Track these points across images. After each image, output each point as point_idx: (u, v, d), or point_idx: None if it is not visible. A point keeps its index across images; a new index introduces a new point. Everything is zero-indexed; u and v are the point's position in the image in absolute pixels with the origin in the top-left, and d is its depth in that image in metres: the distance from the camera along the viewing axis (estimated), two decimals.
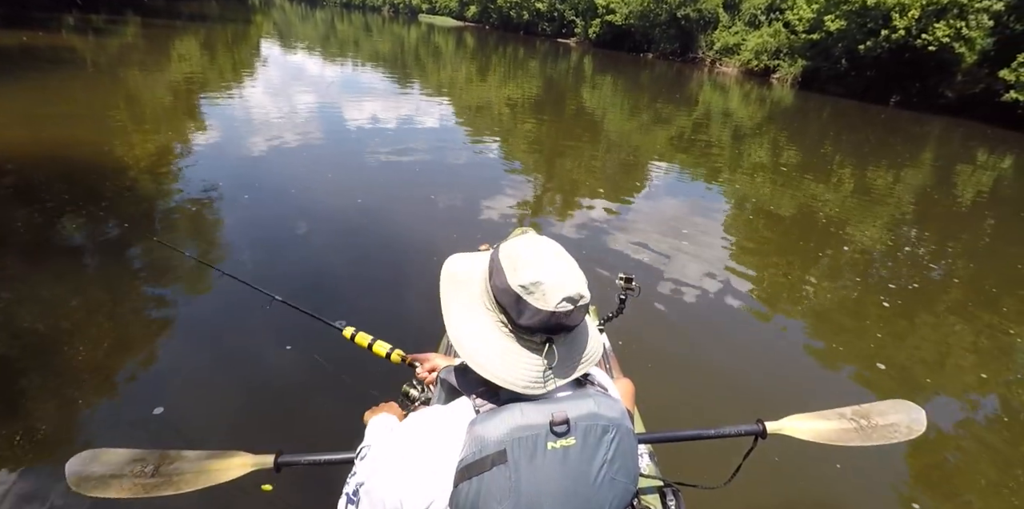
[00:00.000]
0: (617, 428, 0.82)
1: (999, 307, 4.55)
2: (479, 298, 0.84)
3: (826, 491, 2.42)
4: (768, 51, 27.78)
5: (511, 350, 0.80)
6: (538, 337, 0.80)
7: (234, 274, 1.91)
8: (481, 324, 0.82)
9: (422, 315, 3.24)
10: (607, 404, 0.84)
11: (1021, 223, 7.57)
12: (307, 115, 8.54)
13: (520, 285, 0.77)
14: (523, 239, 0.85)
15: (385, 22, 52.60)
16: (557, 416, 0.77)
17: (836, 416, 1.43)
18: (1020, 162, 13.09)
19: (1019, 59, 18.19)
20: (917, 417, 1.41)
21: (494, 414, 0.79)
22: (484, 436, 0.76)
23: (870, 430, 1.38)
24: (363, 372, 2.62)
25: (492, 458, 0.75)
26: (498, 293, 0.80)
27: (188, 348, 2.85)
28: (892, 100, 22.04)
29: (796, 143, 12.12)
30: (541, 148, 8.58)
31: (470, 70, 19.79)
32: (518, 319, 0.78)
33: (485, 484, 0.75)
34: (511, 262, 0.80)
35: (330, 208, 4.88)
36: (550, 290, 0.77)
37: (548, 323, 0.77)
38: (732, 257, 4.92)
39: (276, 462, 1.17)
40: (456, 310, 0.86)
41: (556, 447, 0.77)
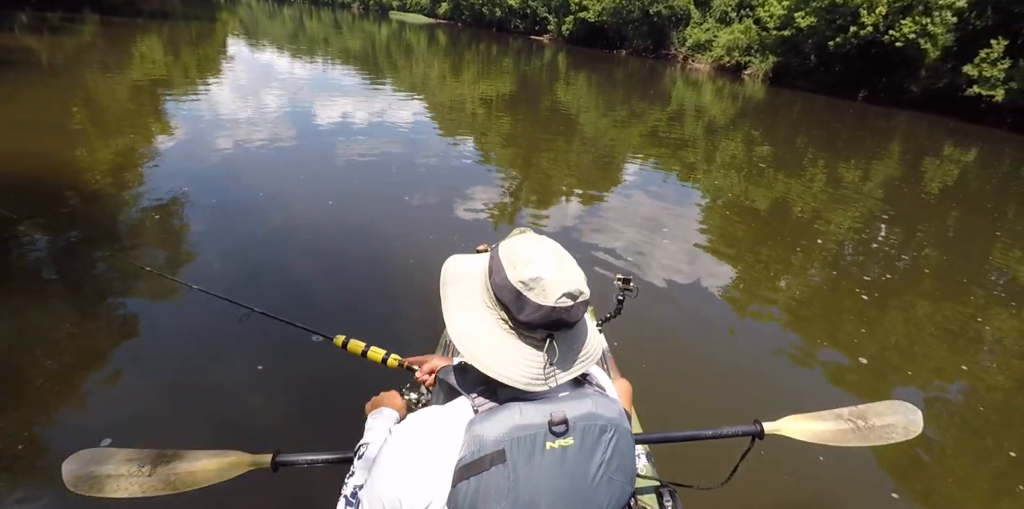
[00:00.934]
0: (615, 428, 0.83)
1: (968, 297, 4.71)
2: (479, 296, 0.85)
3: (822, 491, 2.43)
4: (739, 47, 28.27)
5: (512, 347, 0.81)
6: (539, 333, 0.81)
7: (206, 288, 1.87)
8: (482, 322, 0.83)
9: (407, 318, 3.25)
10: (605, 404, 0.85)
11: (986, 214, 7.84)
12: (277, 115, 8.39)
13: (520, 281, 0.78)
14: (522, 237, 0.87)
15: (355, 19, 51.99)
16: (556, 416, 0.79)
17: (833, 417, 1.44)
18: (983, 155, 13.56)
19: (981, 55, 18.82)
20: (914, 418, 1.42)
21: (493, 413, 0.79)
22: (483, 436, 0.77)
23: (867, 431, 1.39)
24: (356, 381, 2.61)
25: (491, 458, 0.76)
26: (498, 290, 0.81)
27: (156, 366, 2.73)
28: (860, 95, 22.63)
29: (769, 138, 12.35)
30: (517, 146, 8.58)
31: (443, 68, 19.69)
32: (518, 315, 0.79)
33: (484, 484, 0.76)
34: (511, 259, 0.81)
35: (303, 212, 4.79)
36: (550, 286, 0.78)
37: (548, 319, 0.78)
38: (712, 254, 5.00)
39: (273, 462, 1.17)
40: (456, 308, 0.86)
41: (554, 447, 0.78)
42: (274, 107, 8.94)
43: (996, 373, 3.57)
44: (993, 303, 4.65)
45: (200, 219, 4.45)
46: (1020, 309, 4.56)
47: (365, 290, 3.62)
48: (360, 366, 2.69)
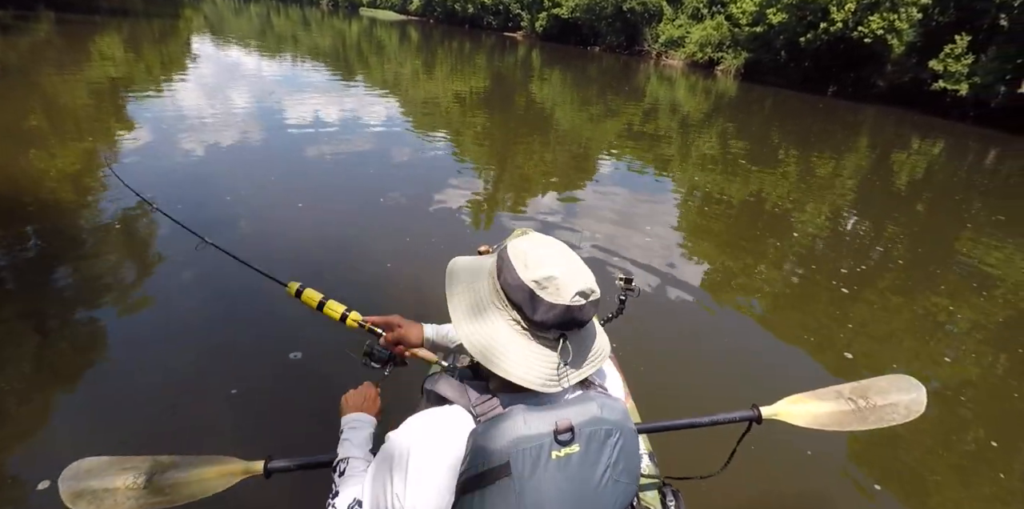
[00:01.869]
0: (620, 430, 0.83)
1: (938, 286, 4.87)
2: (488, 297, 0.84)
3: (819, 479, 2.46)
4: (712, 44, 28.70)
5: (525, 347, 0.81)
6: (552, 333, 0.80)
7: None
8: (493, 323, 0.82)
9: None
10: (610, 406, 0.85)
11: (953, 205, 8.10)
12: (245, 114, 8.23)
13: (533, 280, 0.78)
14: (529, 238, 0.87)
15: (324, 16, 51.27)
16: (561, 424, 0.78)
17: (834, 395, 1.41)
18: (949, 148, 14.01)
19: (946, 50, 19.43)
20: (916, 396, 1.38)
21: (496, 424, 0.78)
22: (487, 448, 0.76)
23: (868, 411, 1.36)
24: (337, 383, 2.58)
25: (496, 471, 0.75)
26: (510, 290, 0.81)
27: (121, 380, 2.65)
28: (829, 90, 23.16)
29: (743, 133, 12.55)
30: (492, 143, 8.57)
31: (416, 65, 19.54)
32: (532, 315, 0.79)
33: (489, 497, 0.75)
34: (521, 259, 0.81)
35: (272, 216, 4.66)
36: (563, 285, 0.78)
37: (563, 318, 0.78)
38: (689, 248, 5.07)
39: (266, 468, 1.17)
40: (465, 310, 0.85)
41: (560, 456, 0.78)
42: (242, 106, 8.76)
43: (974, 363, 3.67)
44: (966, 292, 4.80)
45: (165, 226, 4.27)
46: (991, 298, 4.72)
47: (341, 298, 3.50)
48: (340, 367, 2.66)
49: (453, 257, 0.95)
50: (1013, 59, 17.59)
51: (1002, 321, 4.34)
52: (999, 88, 18.26)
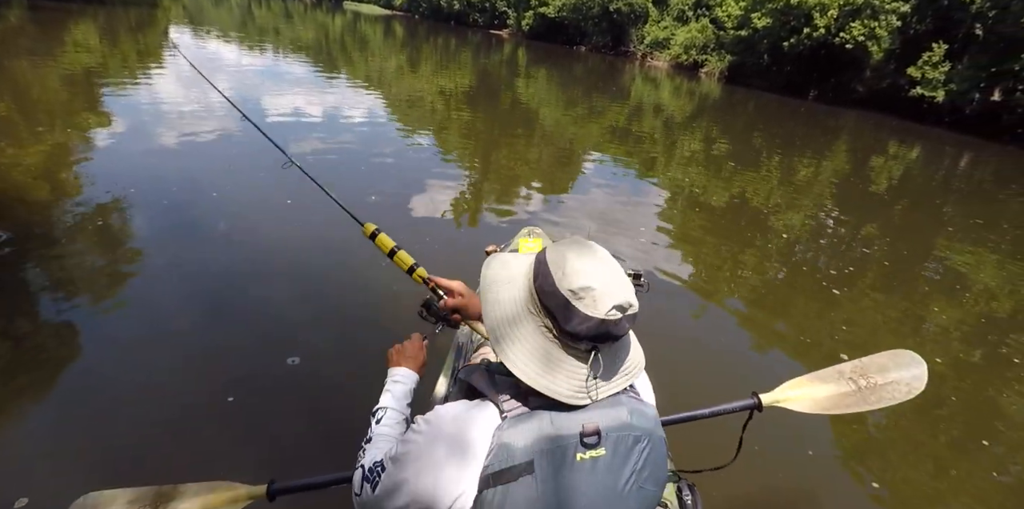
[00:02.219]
0: (649, 437, 0.82)
1: (923, 286, 5.02)
2: (523, 301, 0.82)
3: (831, 464, 2.50)
4: (696, 46, 28.99)
5: (556, 357, 0.78)
6: (584, 345, 0.78)
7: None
8: (524, 328, 0.80)
9: (380, 323, 3.11)
10: (640, 412, 0.84)
11: (934, 209, 8.30)
12: (226, 108, 8.07)
13: (570, 289, 0.76)
14: (570, 242, 0.84)
15: (307, 9, 50.60)
16: (588, 427, 0.77)
17: (835, 376, 1.40)
18: (926, 153, 14.35)
19: (924, 57, 19.90)
20: (917, 373, 1.38)
21: (522, 421, 0.77)
22: (511, 445, 0.75)
23: (868, 392, 1.36)
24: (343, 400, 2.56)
25: (520, 468, 0.75)
26: (544, 296, 0.78)
27: (105, 384, 2.54)
28: (811, 94, 23.56)
29: (728, 135, 12.70)
30: (478, 141, 8.54)
31: (401, 61, 19.40)
32: (565, 325, 0.77)
33: (511, 494, 0.75)
34: (559, 265, 0.78)
35: (261, 212, 4.53)
36: (600, 297, 0.75)
37: (596, 331, 0.76)
38: (674, 247, 5.11)
39: (269, 491, 1.16)
40: (498, 313, 0.83)
41: (585, 458, 0.77)
42: (222, 100, 8.56)
43: (965, 363, 3.75)
44: (950, 294, 4.92)
45: (150, 223, 4.13)
46: (977, 300, 4.85)
47: (333, 296, 3.42)
48: (341, 371, 2.61)
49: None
50: (987, 68, 18.08)
51: (984, 320, 4.46)
52: (974, 95, 18.77)
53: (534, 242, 2.41)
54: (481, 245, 4.52)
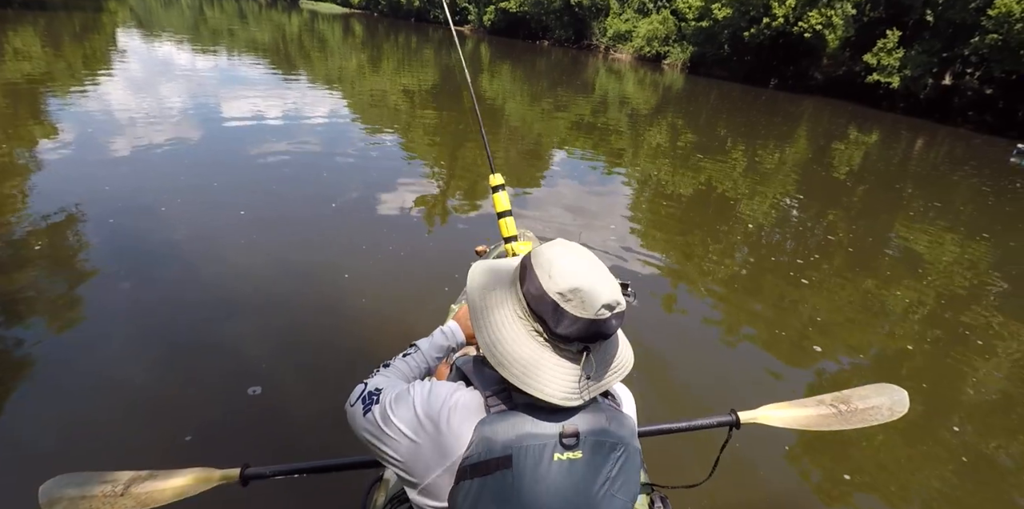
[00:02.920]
0: (625, 447, 0.84)
1: (884, 271, 5.16)
2: (510, 307, 0.82)
3: (807, 482, 2.45)
4: (658, 38, 29.34)
5: (548, 360, 0.79)
6: (575, 346, 0.79)
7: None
8: (514, 333, 0.80)
9: (346, 339, 3.03)
10: (618, 421, 0.86)
11: (892, 192, 8.57)
12: (180, 114, 7.85)
13: (558, 292, 0.76)
14: (555, 245, 0.84)
15: (262, 8, 49.48)
16: (568, 428, 0.79)
17: (815, 403, 1.40)
18: (884, 137, 14.83)
19: (879, 44, 20.54)
20: (899, 398, 1.39)
21: (505, 417, 0.79)
22: (492, 438, 0.77)
23: (850, 414, 1.36)
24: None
25: (497, 462, 0.76)
26: (532, 301, 0.79)
27: (53, 416, 2.44)
28: (771, 83, 24.10)
29: (692, 125, 12.91)
30: (443, 139, 8.50)
31: (361, 60, 19.15)
32: (555, 328, 0.77)
33: (487, 486, 0.76)
34: (545, 268, 0.79)
35: (213, 226, 4.32)
36: (589, 298, 0.76)
37: (587, 331, 0.77)
38: (644, 241, 5.18)
39: (242, 475, 1.17)
40: (486, 319, 0.83)
41: (562, 459, 0.79)
42: (177, 105, 8.35)
43: (937, 351, 3.86)
44: (920, 279, 5.10)
45: (96, 244, 3.86)
46: (937, 279, 5.03)
47: (294, 319, 3.19)
48: (303, 400, 2.56)
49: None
50: (938, 53, 18.76)
51: (943, 301, 4.64)
52: (927, 80, 19.45)
53: (524, 244, 2.43)
54: (453, 244, 4.52)
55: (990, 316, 4.42)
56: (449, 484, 0.78)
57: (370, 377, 0.98)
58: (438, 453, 0.79)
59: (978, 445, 2.85)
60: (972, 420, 3.07)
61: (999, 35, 16.72)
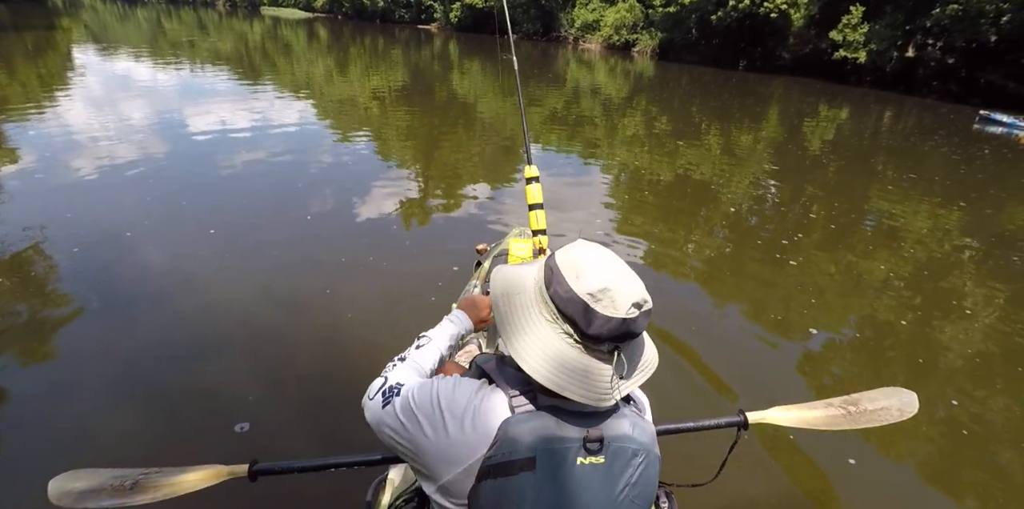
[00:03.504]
0: (647, 453, 0.85)
1: (867, 246, 5.22)
2: (537, 311, 0.82)
3: (814, 483, 2.40)
4: (626, 26, 29.38)
5: (581, 362, 0.79)
6: (606, 346, 0.79)
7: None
8: (545, 338, 0.80)
9: (332, 359, 2.91)
10: (641, 427, 0.87)
11: (870, 167, 8.67)
12: (143, 130, 7.68)
13: (588, 293, 0.76)
14: (577, 246, 0.85)
15: (222, 18, 48.68)
16: (592, 433, 0.80)
17: (823, 406, 1.42)
18: (854, 113, 15.02)
19: (844, 20, 20.78)
20: (908, 400, 1.41)
21: (530, 419, 0.80)
22: (517, 439, 0.78)
23: (859, 415, 1.37)
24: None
25: (521, 463, 0.77)
26: (562, 303, 0.79)
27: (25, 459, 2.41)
28: (740, 64, 24.27)
29: (666, 110, 12.96)
30: (418, 140, 8.44)
31: (328, 64, 18.92)
32: (587, 329, 0.77)
33: (508, 487, 0.77)
34: (571, 270, 0.79)
35: (185, 248, 4.13)
36: (619, 296, 0.76)
37: (619, 331, 0.77)
38: (625, 229, 5.17)
39: (251, 471, 1.18)
40: (515, 325, 0.83)
41: (584, 463, 0.80)
42: (139, 122, 8.15)
43: (942, 328, 3.87)
44: (906, 250, 5.16)
45: (59, 277, 3.67)
46: (917, 250, 5.10)
47: (278, 339, 3.07)
48: (293, 437, 2.46)
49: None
50: (901, 25, 19.02)
51: (926, 272, 4.71)
52: (892, 53, 19.72)
53: (524, 242, 2.43)
54: (435, 244, 4.48)
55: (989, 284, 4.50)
56: (469, 483, 0.79)
57: (387, 371, 1.00)
58: (459, 451, 0.80)
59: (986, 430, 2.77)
60: (985, 408, 3.00)
61: (959, 5, 17.01)
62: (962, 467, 2.52)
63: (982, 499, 2.34)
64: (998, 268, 4.87)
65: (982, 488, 2.41)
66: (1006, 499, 2.34)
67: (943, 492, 2.37)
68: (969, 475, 2.49)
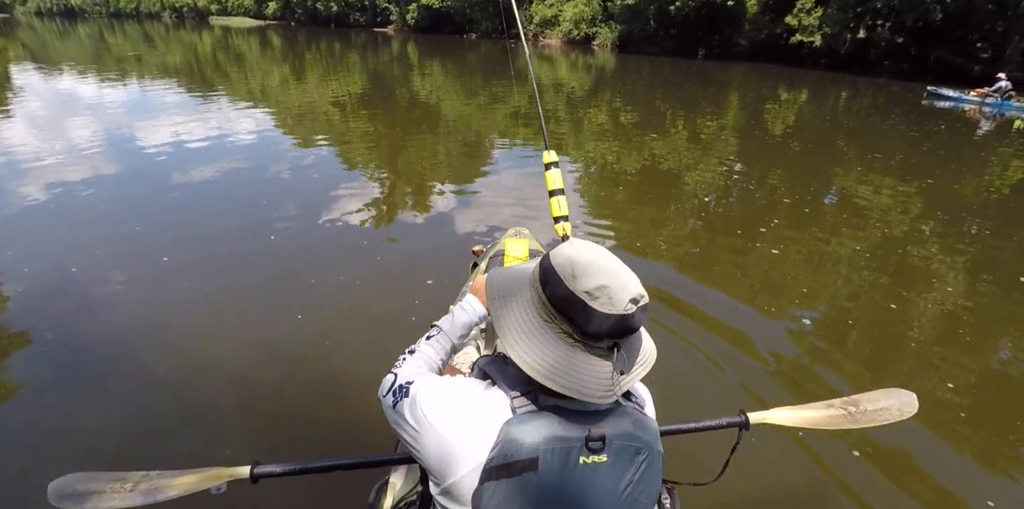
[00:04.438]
0: (649, 450, 0.86)
1: (842, 226, 5.31)
2: (534, 312, 0.83)
3: (816, 481, 2.37)
4: (585, 20, 29.59)
5: (581, 361, 0.80)
6: (605, 343, 0.80)
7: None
8: (543, 338, 0.81)
9: (310, 390, 2.75)
10: (643, 424, 0.87)
11: (836, 149, 8.86)
12: (91, 151, 7.36)
13: (585, 291, 0.77)
14: (571, 245, 0.85)
15: (169, 30, 47.51)
16: (595, 432, 0.80)
17: (823, 406, 1.45)
18: (813, 96, 15.37)
19: (798, 5, 21.28)
20: (908, 400, 1.44)
21: (531, 419, 0.80)
22: (519, 440, 0.78)
23: (859, 415, 1.41)
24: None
25: (523, 464, 0.77)
26: (558, 302, 0.80)
27: None
28: (700, 53, 24.65)
29: (630, 102, 13.06)
30: (382, 145, 8.32)
31: (284, 72, 18.59)
32: (586, 327, 0.78)
33: (511, 489, 0.78)
34: (568, 269, 0.79)
35: (145, 281, 3.82)
36: (616, 293, 0.77)
37: (617, 327, 0.78)
38: (596, 222, 5.16)
39: (252, 473, 1.18)
40: (512, 327, 0.84)
41: (587, 462, 0.80)
42: (86, 142, 7.81)
43: (918, 301, 3.96)
44: (860, 228, 5.27)
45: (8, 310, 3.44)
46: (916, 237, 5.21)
47: (248, 379, 2.84)
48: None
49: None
50: (853, 7, 19.53)
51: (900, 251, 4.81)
52: (846, 36, 20.26)
53: (520, 242, 2.40)
54: (407, 258, 4.33)
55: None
56: (473, 485, 0.79)
57: (397, 366, 1.00)
58: (462, 454, 0.80)
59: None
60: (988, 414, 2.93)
61: None
62: (964, 463, 2.51)
63: (985, 495, 2.32)
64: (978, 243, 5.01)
65: (986, 484, 2.39)
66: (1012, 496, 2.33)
67: (946, 489, 2.35)
68: (972, 469, 2.48)
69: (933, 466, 2.45)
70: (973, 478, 2.42)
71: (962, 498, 2.29)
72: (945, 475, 2.39)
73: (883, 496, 2.28)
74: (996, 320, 3.65)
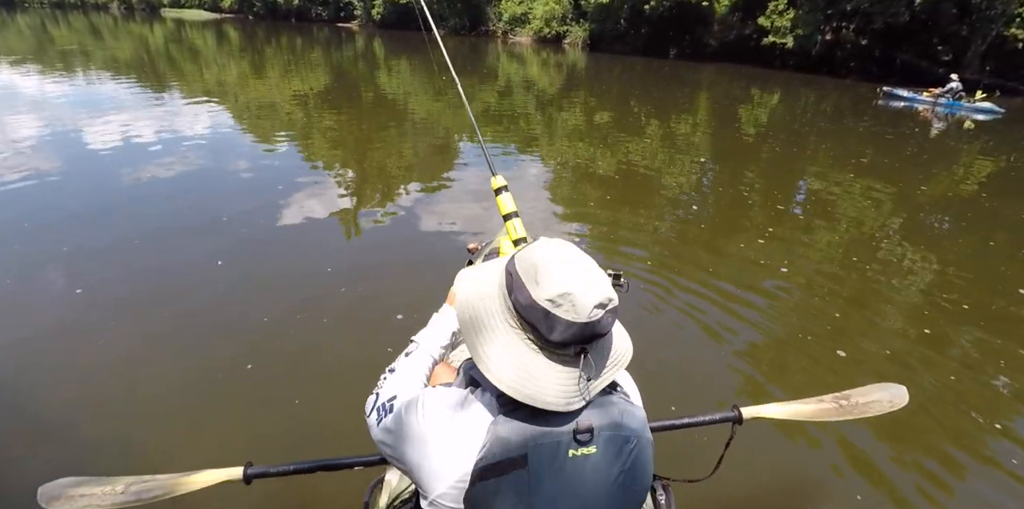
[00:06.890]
0: (638, 439, 0.86)
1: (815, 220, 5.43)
2: (500, 317, 0.82)
3: (810, 476, 2.42)
4: (556, 18, 29.80)
5: (544, 368, 0.79)
6: (572, 349, 0.79)
7: None
8: (507, 344, 0.81)
9: (272, 406, 2.64)
10: (630, 413, 0.87)
11: (812, 147, 9.11)
12: (24, 154, 6.87)
13: (547, 299, 0.76)
14: (537, 247, 0.83)
15: (117, 22, 45.97)
16: (582, 424, 0.80)
17: (815, 401, 1.51)
18: (785, 97, 15.80)
19: (771, 7, 21.86)
20: (898, 393, 1.51)
21: (517, 416, 0.80)
22: (506, 438, 0.78)
23: (851, 407, 1.47)
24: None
25: (513, 462, 0.78)
26: (523, 310, 0.79)
27: None
28: (671, 53, 25.10)
29: (602, 102, 13.19)
30: (347, 144, 8.22)
31: (242, 68, 18.20)
32: (549, 335, 0.77)
33: (503, 487, 0.78)
34: (531, 274, 0.78)
35: (69, 320, 3.34)
36: (580, 300, 0.75)
37: (582, 335, 0.77)
38: (567, 220, 5.19)
39: (245, 474, 1.19)
40: (477, 333, 0.84)
41: (577, 455, 0.81)
42: (20, 143, 7.29)
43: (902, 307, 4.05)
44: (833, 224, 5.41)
45: None
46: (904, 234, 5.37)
47: (241, 373, 2.82)
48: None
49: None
50: (823, 10, 20.17)
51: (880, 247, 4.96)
52: (817, 38, 20.90)
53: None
54: (374, 288, 4.03)
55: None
56: (462, 494, 0.80)
57: (379, 386, 1.02)
58: (448, 466, 0.81)
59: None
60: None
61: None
62: (960, 456, 2.57)
63: (976, 485, 2.40)
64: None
65: (979, 476, 2.46)
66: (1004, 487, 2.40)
67: (943, 481, 2.41)
68: (968, 464, 2.53)
69: (925, 458, 2.53)
70: (965, 469, 2.50)
71: (954, 488, 2.37)
72: (937, 467, 2.47)
73: (877, 489, 2.35)
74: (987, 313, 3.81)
